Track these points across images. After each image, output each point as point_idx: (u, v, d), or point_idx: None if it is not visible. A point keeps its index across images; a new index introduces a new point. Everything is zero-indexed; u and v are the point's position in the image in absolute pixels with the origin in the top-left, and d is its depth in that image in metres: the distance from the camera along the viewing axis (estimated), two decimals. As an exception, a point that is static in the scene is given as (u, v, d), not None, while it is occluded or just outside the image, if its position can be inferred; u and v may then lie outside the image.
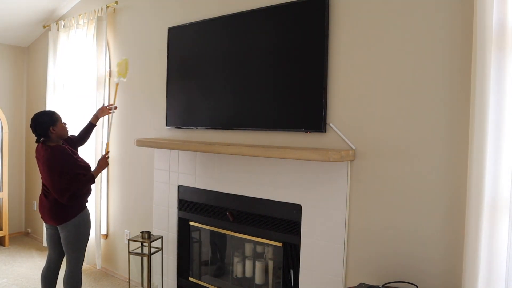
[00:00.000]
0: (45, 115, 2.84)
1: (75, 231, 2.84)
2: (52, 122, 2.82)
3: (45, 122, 2.79)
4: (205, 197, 3.16)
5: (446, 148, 2.08)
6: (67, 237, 2.84)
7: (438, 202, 2.10)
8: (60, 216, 2.81)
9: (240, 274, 3.10)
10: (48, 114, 2.86)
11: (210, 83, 3.08)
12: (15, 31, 4.87)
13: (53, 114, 2.88)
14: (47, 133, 2.80)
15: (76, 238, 2.86)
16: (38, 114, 2.85)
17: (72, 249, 2.87)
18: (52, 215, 2.84)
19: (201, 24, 3.16)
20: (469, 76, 1.96)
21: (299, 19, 2.58)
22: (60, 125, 2.87)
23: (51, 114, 2.87)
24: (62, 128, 2.88)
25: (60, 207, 2.80)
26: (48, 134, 2.81)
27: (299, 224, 2.61)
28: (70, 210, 2.82)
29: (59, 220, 2.82)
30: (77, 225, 2.85)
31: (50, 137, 2.83)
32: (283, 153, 2.39)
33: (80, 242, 2.89)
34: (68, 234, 2.83)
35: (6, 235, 4.81)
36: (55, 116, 2.86)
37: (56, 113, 2.91)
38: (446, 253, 2.08)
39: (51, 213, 2.83)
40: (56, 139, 2.86)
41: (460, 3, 2.03)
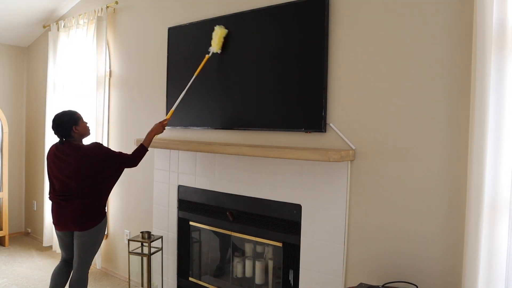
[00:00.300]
0: (66, 115, 2.79)
1: (95, 237, 2.78)
2: (74, 121, 2.77)
3: (67, 122, 2.74)
4: (205, 197, 3.16)
5: (446, 148, 2.08)
6: (86, 243, 2.76)
7: (438, 202, 2.10)
8: (85, 222, 2.73)
9: (240, 274, 3.10)
10: (69, 114, 2.81)
11: (210, 83, 3.08)
12: (15, 31, 4.87)
13: (74, 113, 2.83)
14: (70, 133, 2.75)
15: (94, 244, 2.81)
16: (59, 115, 2.80)
17: (87, 253, 2.80)
18: (77, 221, 2.72)
19: (201, 24, 3.16)
20: (469, 76, 1.96)
21: (299, 19, 2.58)
22: (82, 124, 2.82)
23: (72, 113, 2.82)
24: (84, 127, 2.83)
25: (87, 212, 2.72)
26: (71, 134, 2.75)
27: (299, 224, 2.61)
28: (96, 216, 2.76)
29: (84, 226, 2.73)
30: (99, 231, 2.79)
31: (73, 137, 2.77)
32: (283, 153, 2.39)
33: (96, 248, 2.85)
34: (88, 240, 2.76)
35: (6, 235, 4.81)
36: (76, 116, 2.81)
37: (77, 112, 2.86)
38: (446, 253, 2.08)
39: (76, 219, 2.72)
40: (79, 138, 2.81)
41: (460, 3, 2.03)
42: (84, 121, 2.85)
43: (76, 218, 2.71)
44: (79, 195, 2.70)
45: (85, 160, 2.69)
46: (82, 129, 2.80)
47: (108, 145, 4.07)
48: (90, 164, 2.69)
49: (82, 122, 2.81)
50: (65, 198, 2.73)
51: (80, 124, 2.79)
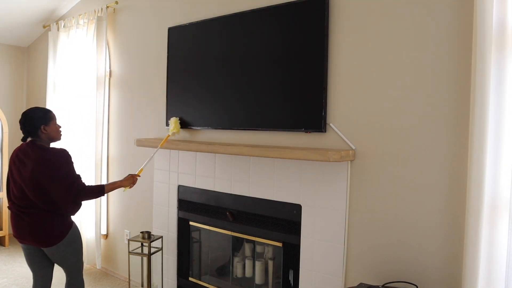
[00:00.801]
0: (38, 111, 2.50)
1: (70, 248, 2.49)
2: (45, 120, 2.47)
3: (36, 119, 2.44)
4: (205, 197, 3.16)
5: (446, 148, 2.08)
6: (63, 257, 2.50)
7: (438, 201, 2.10)
8: (47, 238, 2.41)
9: (240, 274, 3.10)
10: (42, 111, 2.52)
11: (210, 83, 3.08)
12: (15, 31, 4.87)
13: (48, 112, 2.54)
14: (37, 132, 2.45)
15: (72, 254, 2.53)
16: (31, 109, 2.51)
17: (70, 262, 2.55)
18: (37, 237, 2.41)
19: (201, 24, 3.16)
20: (469, 76, 1.96)
21: (299, 19, 2.58)
22: (54, 126, 2.52)
23: (45, 111, 2.53)
24: (55, 130, 2.53)
25: (48, 227, 2.40)
26: (37, 133, 2.45)
27: (299, 224, 2.61)
28: (60, 228, 2.44)
29: (48, 242, 2.41)
30: (71, 241, 2.48)
31: (39, 137, 2.47)
32: (283, 153, 2.39)
33: (77, 255, 2.57)
34: (63, 254, 2.48)
35: (6, 235, 4.81)
36: (49, 115, 2.51)
37: (52, 112, 2.57)
38: (446, 253, 2.08)
39: (35, 235, 2.40)
40: (47, 141, 2.51)
41: (460, 3, 2.03)
42: (58, 124, 2.57)
43: (37, 233, 2.40)
44: (36, 208, 2.39)
45: (42, 164, 2.37)
46: (51, 131, 2.50)
47: (108, 145, 4.07)
48: (46, 170, 2.36)
49: (54, 123, 2.52)
50: (24, 211, 2.41)
51: (51, 125, 2.49)
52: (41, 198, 2.38)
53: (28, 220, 2.41)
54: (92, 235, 4.03)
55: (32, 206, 2.40)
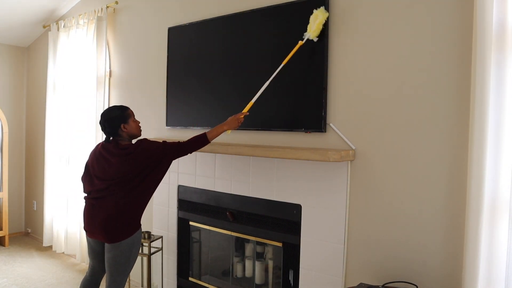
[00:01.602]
0: (116, 109, 2.52)
1: (127, 251, 2.41)
2: (124, 119, 2.48)
3: (115, 119, 2.46)
4: (205, 197, 3.16)
5: (446, 148, 2.08)
6: (116, 257, 2.40)
7: (438, 202, 2.10)
8: (114, 233, 2.38)
9: (240, 274, 3.10)
10: (120, 109, 2.52)
11: (210, 83, 3.08)
12: (15, 31, 4.87)
13: (125, 109, 2.53)
14: (117, 131, 2.46)
15: (126, 260, 2.42)
16: (108, 109, 2.55)
17: (119, 271, 2.43)
18: (106, 231, 2.38)
19: (201, 24, 3.16)
20: (469, 76, 1.96)
21: (299, 19, 2.58)
22: (133, 122, 2.52)
23: (122, 109, 2.53)
24: (135, 126, 2.53)
25: (118, 221, 2.38)
26: (118, 132, 2.46)
27: (299, 224, 2.61)
28: (128, 226, 2.40)
29: (113, 238, 2.38)
30: (131, 245, 2.42)
31: (121, 136, 2.48)
32: (283, 153, 2.39)
33: (129, 264, 2.46)
34: (118, 254, 2.40)
35: (6, 235, 4.81)
36: (127, 112, 2.52)
37: (129, 108, 2.56)
38: (446, 253, 2.08)
39: (104, 228, 2.38)
40: (128, 138, 2.51)
41: (460, 3, 2.03)
42: (136, 119, 2.57)
43: (107, 226, 2.38)
44: (114, 195, 2.39)
45: (129, 159, 2.38)
46: (131, 128, 2.51)
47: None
48: (133, 162, 2.38)
49: (133, 120, 2.53)
50: (100, 196, 2.43)
51: (130, 122, 2.50)
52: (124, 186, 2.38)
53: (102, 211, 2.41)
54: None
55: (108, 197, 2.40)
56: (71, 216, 4.34)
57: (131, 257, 2.45)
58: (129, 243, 2.42)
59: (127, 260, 2.44)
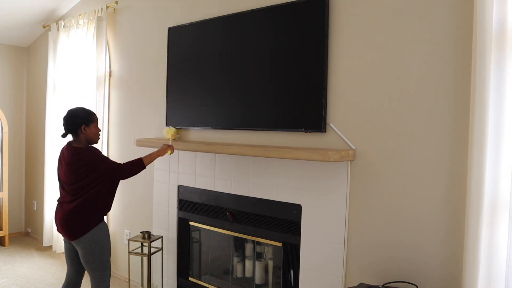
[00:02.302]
0: (83, 111, 2.63)
1: (89, 248, 2.52)
2: (86, 121, 2.57)
3: (78, 118, 2.56)
4: (205, 197, 3.16)
5: (446, 148, 2.08)
6: (83, 255, 2.54)
7: (438, 201, 2.10)
8: (72, 230, 2.52)
9: (240, 274, 3.10)
10: (86, 112, 2.64)
11: (210, 83, 3.08)
12: (15, 31, 4.87)
13: (91, 114, 2.64)
14: (77, 131, 2.56)
15: (92, 256, 2.54)
16: (76, 108, 2.66)
17: (91, 267, 2.57)
18: (65, 228, 2.54)
19: (201, 24, 3.16)
20: (469, 76, 1.96)
21: (299, 19, 2.58)
22: (94, 128, 2.62)
23: (89, 112, 2.64)
24: (94, 132, 2.62)
25: (75, 218, 2.51)
26: (77, 132, 2.56)
27: (299, 224, 2.61)
28: (85, 223, 2.52)
29: (71, 235, 2.52)
30: (91, 241, 2.53)
31: (78, 137, 2.58)
32: (283, 153, 2.39)
33: (97, 260, 2.55)
34: (83, 252, 2.53)
35: (6, 235, 4.81)
36: (92, 117, 2.63)
37: (95, 114, 2.68)
38: (446, 253, 2.08)
39: (64, 225, 2.54)
40: (84, 142, 2.60)
41: (460, 3, 2.03)
42: (98, 127, 2.68)
43: (65, 223, 2.54)
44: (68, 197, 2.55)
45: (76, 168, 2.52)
46: (91, 133, 2.60)
47: (108, 145, 4.07)
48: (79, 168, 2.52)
49: (95, 126, 2.63)
50: (61, 201, 2.61)
51: (91, 127, 2.60)
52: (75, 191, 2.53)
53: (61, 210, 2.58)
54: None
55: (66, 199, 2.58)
56: (71, 216, 4.34)
57: (96, 253, 2.54)
58: (88, 240, 2.52)
59: (93, 256, 2.54)
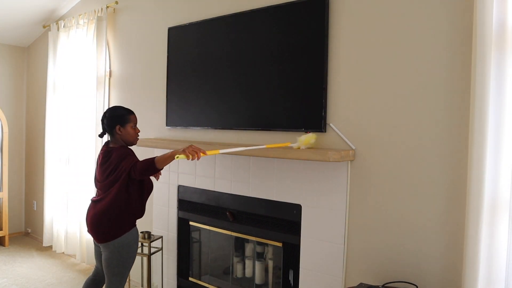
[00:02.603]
0: (121, 109, 2.52)
1: (117, 253, 2.39)
2: (122, 121, 2.45)
3: (113, 118, 2.45)
4: (205, 197, 3.16)
5: (446, 148, 2.08)
6: (108, 259, 2.41)
7: (438, 202, 2.10)
8: (102, 233, 2.40)
9: (240, 274, 3.10)
10: (123, 111, 2.51)
11: (210, 83, 3.08)
12: (15, 31, 4.87)
13: (129, 113, 2.52)
14: (112, 130, 2.46)
15: (117, 262, 2.41)
16: (115, 106, 2.58)
17: (112, 273, 2.42)
18: (95, 229, 2.43)
19: (201, 24, 3.16)
20: (469, 76, 1.96)
21: (299, 19, 2.58)
22: (131, 129, 2.48)
23: (126, 112, 2.51)
24: (131, 133, 2.48)
25: (106, 220, 2.39)
26: (112, 132, 2.47)
27: (299, 224, 2.61)
28: (116, 227, 2.39)
29: (100, 237, 2.41)
30: (121, 246, 2.39)
31: (114, 137, 2.48)
32: (283, 153, 2.39)
33: (121, 267, 2.43)
34: (109, 256, 2.40)
35: (6, 235, 4.81)
36: (129, 116, 2.49)
37: (134, 114, 2.53)
38: (446, 253, 2.08)
39: (94, 226, 2.43)
40: (121, 142, 2.49)
41: (460, 3, 2.03)
42: (136, 127, 2.53)
43: (95, 225, 2.43)
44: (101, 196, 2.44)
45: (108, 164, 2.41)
46: (126, 133, 2.47)
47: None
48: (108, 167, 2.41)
49: (131, 127, 2.49)
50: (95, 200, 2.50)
51: (127, 127, 2.47)
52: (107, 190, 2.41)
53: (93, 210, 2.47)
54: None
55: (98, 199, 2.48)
56: (71, 216, 4.34)
57: (122, 259, 2.41)
58: (118, 245, 2.39)
59: (119, 261, 2.41)
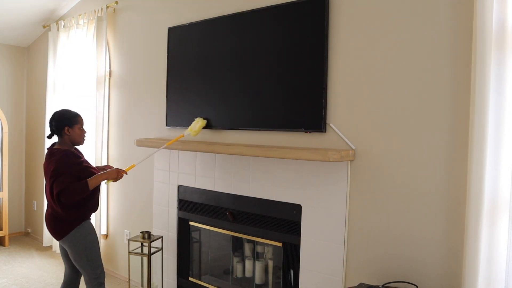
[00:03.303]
0: (68, 113, 2.66)
1: (74, 246, 2.57)
2: (70, 123, 2.61)
3: (62, 120, 2.60)
4: (205, 197, 3.16)
5: (446, 148, 2.08)
6: (70, 254, 2.61)
7: (438, 202, 2.10)
8: (56, 229, 2.59)
9: (240, 274, 3.10)
10: (71, 114, 2.67)
11: (209, 83, 3.08)
12: (15, 31, 4.87)
13: (76, 116, 2.67)
14: (61, 132, 2.60)
15: (78, 254, 2.58)
16: (63, 110, 2.71)
17: (80, 265, 2.61)
18: (51, 228, 2.62)
19: (201, 24, 3.16)
20: (469, 76, 1.96)
21: (299, 19, 2.58)
22: (78, 130, 2.64)
23: (74, 115, 2.67)
24: (78, 134, 2.65)
25: (57, 219, 2.57)
26: (61, 133, 2.60)
27: (299, 224, 2.61)
28: (67, 222, 2.56)
29: (57, 234, 2.59)
30: (75, 240, 2.56)
31: (62, 138, 2.62)
32: (283, 153, 2.39)
33: (84, 258, 2.58)
34: (70, 251, 2.59)
35: (6, 235, 4.81)
36: (76, 118, 2.65)
37: (81, 116, 2.70)
38: (446, 253, 2.08)
39: (49, 225, 2.62)
40: (68, 143, 2.64)
41: (460, 3, 2.03)
42: (83, 128, 2.69)
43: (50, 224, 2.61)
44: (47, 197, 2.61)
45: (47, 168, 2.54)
46: (74, 134, 2.62)
47: (108, 145, 4.07)
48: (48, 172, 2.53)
49: (79, 128, 2.65)
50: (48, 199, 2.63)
51: (75, 128, 2.62)
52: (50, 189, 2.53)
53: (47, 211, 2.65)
54: (92, 235, 4.03)
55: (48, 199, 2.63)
56: (71, 216, 4.34)
57: (81, 251, 2.57)
58: (71, 240, 2.56)
59: (79, 254, 2.57)
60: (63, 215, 2.55)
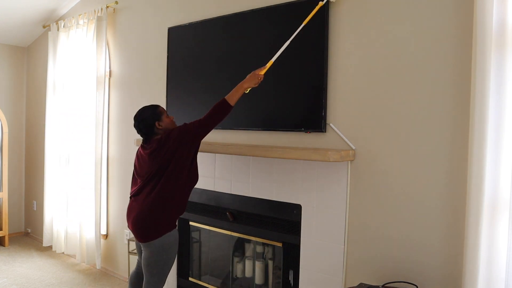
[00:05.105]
0: (147, 109, 2.52)
1: (157, 253, 2.35)
2: (157, 117, 2.48)
3: (148, 118, 2.47)
4: (205, 197, 3.16)
5: (446, 148, 2.08)
6: (147, 258, 2.38)
7: (438, 202, 2.10)
8: (144, 231, 2.37)
9: (240, 274, 3.10)
10: (150, 108, 2.53)
11: (210, 83, 3.08)
12: (15, 31, 4.87)
13: (156, 107, 2.53)
14: (153, 129, 2.47)
15: (156, 262, 2.37)
16: (140, 110, 2.55)
17: (151, 272, 2.38)
18: (136, 227, 2.39)
19: (201, 24, 3.16)
20: (469, 76, 1.96)
21: (299, 19, 2.58)
22: (166, 118, 2.51)
23: (153, 108, 2.53)
24: (169, 122, 2.51)
25: (148, 218, 2.36)
26: (154, 130, 2.48)
27: (299, 224, 2.61)
28: (157, 226, 2.35)
29: (142, 236, 2.37)
30: (161, 247, 2.35)
31: (157, 134, 2.49)
32: (283, 153, 2.39)
33: (159, 267, 2.38)
34: (149, 255, 2.37)
35: (6, 235, 4.81)
36: (158, 110, 2.52)
37: (160, 106, 2.56)
38: (446, 253, 2.08)
39: (135, 224, 2.40)
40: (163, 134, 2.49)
41: (460, 3, 2.03)
42: (169, 115, 2.57)
43: (137, 223, 2.38)
44: (144, 192, 2.41)
45: (157, 149, 2.39)
46: (166, 124, 2.49)
47: (108, 145, 4.07)
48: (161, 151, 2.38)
49: (166, 117, 2.52)
50: (135, 193, 2.47)
51: (163, 119, 2.50)
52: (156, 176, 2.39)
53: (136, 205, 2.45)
54: (92, 235, 4.03)
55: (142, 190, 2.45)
56: (71, 216, 4.34)
57: (162, 260, 2.37)
58: (160, 245, 2.35)
59: (158, 263, 2.36)
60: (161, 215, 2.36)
